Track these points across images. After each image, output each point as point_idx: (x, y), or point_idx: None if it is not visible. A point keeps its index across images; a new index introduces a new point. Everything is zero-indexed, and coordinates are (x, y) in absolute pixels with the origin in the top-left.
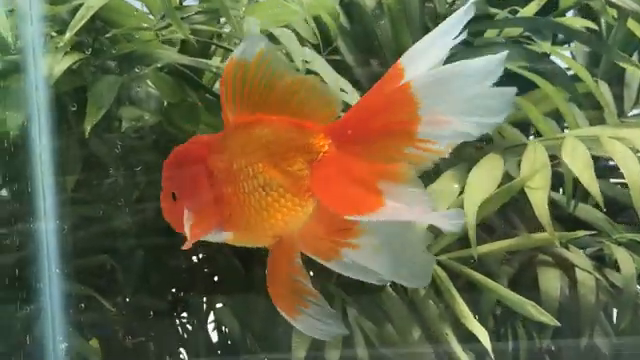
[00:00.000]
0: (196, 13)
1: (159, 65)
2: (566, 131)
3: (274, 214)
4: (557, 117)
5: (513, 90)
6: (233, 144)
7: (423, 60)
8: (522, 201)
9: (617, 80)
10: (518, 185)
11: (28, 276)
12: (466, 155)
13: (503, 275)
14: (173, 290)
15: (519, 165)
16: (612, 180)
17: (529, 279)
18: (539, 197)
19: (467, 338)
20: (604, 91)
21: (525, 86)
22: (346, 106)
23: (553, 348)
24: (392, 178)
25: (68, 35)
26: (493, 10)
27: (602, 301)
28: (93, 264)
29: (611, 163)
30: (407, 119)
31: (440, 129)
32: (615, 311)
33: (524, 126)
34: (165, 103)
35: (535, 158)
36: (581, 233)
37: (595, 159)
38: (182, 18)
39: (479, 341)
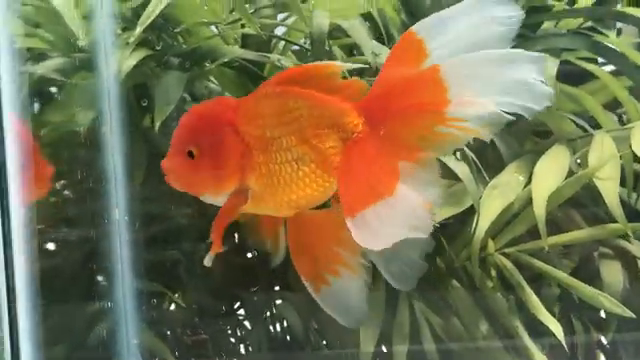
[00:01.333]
0: (264, 7)
1: (225, 60)
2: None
3: (303, 188)
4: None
5: (550, 90)
6: (267, 112)
7: (442, 34)
8: (582, 193)
9: None
10: (587, 176)
11: (101, 272)
12: (529, 147)
13: (565, 269)
14: (235, 286)
15: (584, 157)
16: None
17: (591, 272)
18: (610, 188)
19: (535, 332)
20: None
21: (584, 78)
22: None
23: (606, 343)
24: (413, 159)
25: (139, 30)
26: (551, 1)
27: None
28: (162, 260)
29: None
30: (436, 101)
31: (471, 109)
32: None
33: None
34: None
35: (603, 149)
36: None
37: None
38: (251, 12)
39: (547, 335)
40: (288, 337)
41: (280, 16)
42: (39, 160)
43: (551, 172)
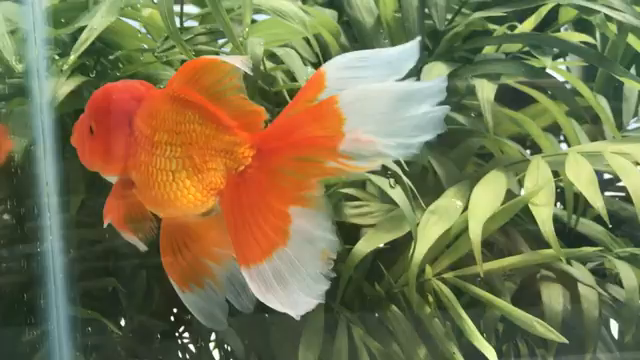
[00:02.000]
0: (199, 34)
1: (161, 87)
2: (563, 145)
3: (176, 199)
4: (553, 131)
5: (444, 109)
6: (163, 115)
7: (348, 71)
8: (522, 216)
9: (614, 94)
10: (523, 201)
11: (34, 299)
12: (468, 172)
13: (506, 292)
14: (175, 310)
15: (521, 182)
16: (607, 193)
17: (531, 295)
18: (544, 214)
19: (472, 357)
20: (603, 105)
21: (524, 101)
22: None
23: None
24: (303, 203)
25: (73, 57)
26: (492, 26)
27: (604, 316)
28: (98, 286)
29: (606, 176)
30: (331, 134)
31: (362, 148)
32: (617, 326)
33: (518, 141)
34: None
35: (539, 174)
36: (586, 249)
37: None
38: (186, 40)
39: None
40: None
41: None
42: None
43: (487, 197)
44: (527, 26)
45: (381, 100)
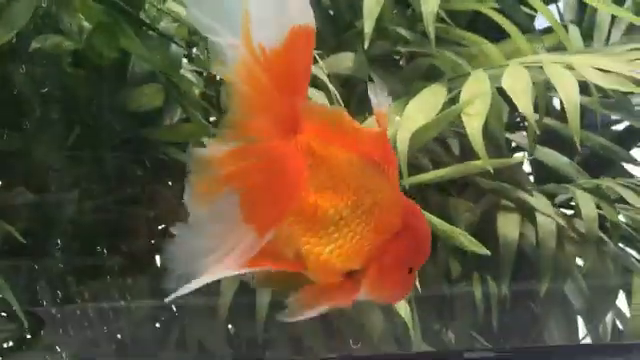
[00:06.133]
0: None
1: None
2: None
3: None
4: None
5: None
6: None
7: None
8: None
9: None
10: (455, 112)
11: None
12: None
13: (461, 222)
14: None
15: None
16: None
17: (492, 225)
18: (475, 123)
19: None
20: (575, 35)
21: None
22: None
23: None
24: None
25: None
26: None
27: (567, 248)
28: None
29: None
30: None
31: None
32: None
33: None
34: None
35: (478, 86)
36: (518, 156)
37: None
38: None
39: None
40: None
41: None
42: None
43: (421, 110)
44: None
45: None
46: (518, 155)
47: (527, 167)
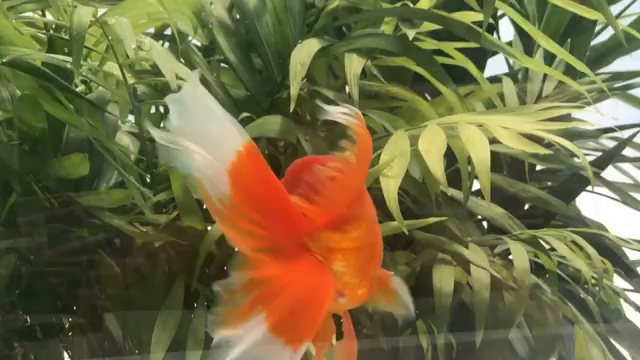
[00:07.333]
0: (25, 2)
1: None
2: None
3: None
4: None
5: None
6: None
7: None
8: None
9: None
10: (375, 173)
11: None
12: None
13: (398, 274)
14: None
15: None
16: None
17: (428, 279)
18: (391, 185)
19: None
20: (509, 88)
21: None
22: None
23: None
24: None
25: None
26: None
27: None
28: None
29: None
30: None
31: None
32: None
33: None
34: None
35: (396, 147)
36: (431, 219)
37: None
38: (9, 8)
39: None
40: None
41: None
42: None
43: None
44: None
45: None
46: None
47: None
